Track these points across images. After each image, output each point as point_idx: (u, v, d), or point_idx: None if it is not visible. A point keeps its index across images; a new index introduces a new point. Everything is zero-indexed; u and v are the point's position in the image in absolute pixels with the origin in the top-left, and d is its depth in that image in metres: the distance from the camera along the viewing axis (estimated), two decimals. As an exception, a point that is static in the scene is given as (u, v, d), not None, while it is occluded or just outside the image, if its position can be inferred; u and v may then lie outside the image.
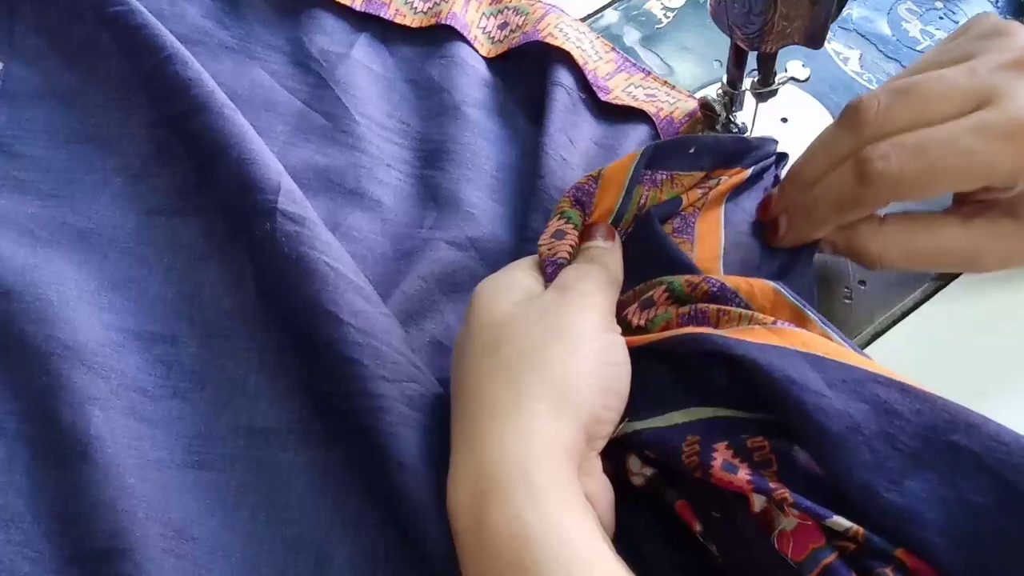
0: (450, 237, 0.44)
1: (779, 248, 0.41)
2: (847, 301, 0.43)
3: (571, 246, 0.39)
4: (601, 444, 0.33)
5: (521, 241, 0.44)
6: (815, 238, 0.40)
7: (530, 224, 0.44)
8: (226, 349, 0.41)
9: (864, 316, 0.43)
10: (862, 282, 0.44)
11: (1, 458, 0.37)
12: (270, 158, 0.43)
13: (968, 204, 0.39)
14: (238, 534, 0.36)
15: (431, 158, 0.48)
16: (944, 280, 0.44)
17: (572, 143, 0.47)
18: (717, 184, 0.42)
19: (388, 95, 0.51)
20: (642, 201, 0.41)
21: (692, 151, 0.41)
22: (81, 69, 0.49)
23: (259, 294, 0.42)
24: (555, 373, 0.31)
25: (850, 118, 0.37)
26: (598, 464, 0.32)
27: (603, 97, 0.49)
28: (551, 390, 0.31)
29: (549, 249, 0.38)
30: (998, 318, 0.43)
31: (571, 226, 0.39)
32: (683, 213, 0.42)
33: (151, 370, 0.40)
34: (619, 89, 0.50)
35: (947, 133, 0.35)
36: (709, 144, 0.42)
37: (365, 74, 0.51)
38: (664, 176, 0.41)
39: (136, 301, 0.42)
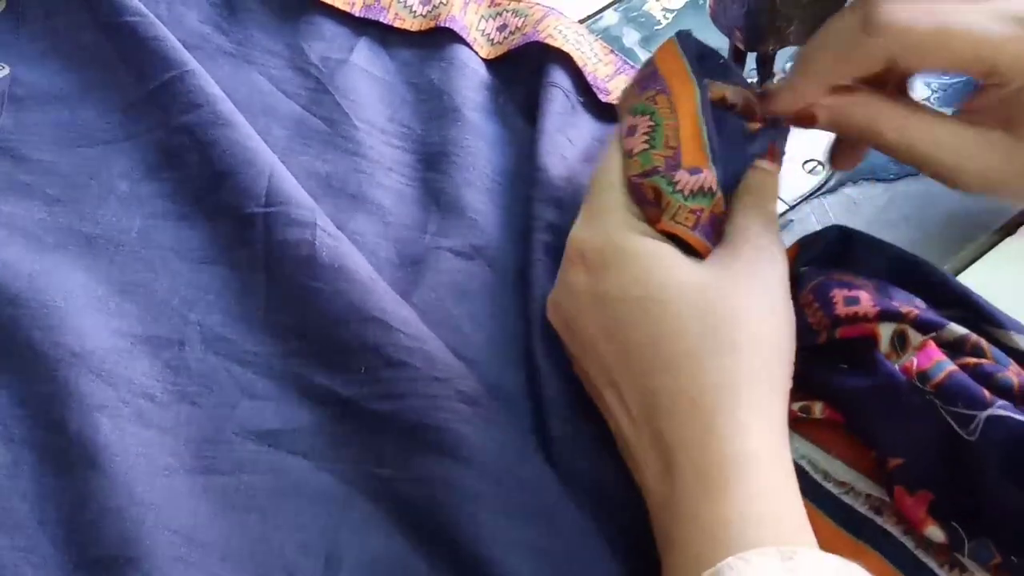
0: (455, 246, 0.45)
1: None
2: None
3: (646, 135, 0.37)
4: None
5: (527, 238, 0.44)
6: (811, 97, 0.37)
7: (540, 215, 0.44)
8: (233, 353, 0.41)
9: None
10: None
11: (7, 463, 0.37)
12: (297, 183, 0.44)
13: (966, 112, 0.38)
14: (247, 538, 0.36)
15: (432, 161, 0.48)
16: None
17: (571, 143, 0.48)
18: None
19: (388, 99, 0.51)
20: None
21: (720, 62, 0.40)
22: (88, 74, 0.49)
23: (269, 300, 0.42)
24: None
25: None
26: None
27: (604, 98, 0.49)
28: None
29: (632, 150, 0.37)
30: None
31: (645, 117, 0.37)
32: None
33: (159, 375, 0.40)
34: (619, 91, 0.50)
35: (961, 6, 0.34)
36: (735, 69, 0.41)
37: (365, 78, 0.51)
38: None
39: (143, 306, 0.42)
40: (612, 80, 0.51)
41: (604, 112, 0.50)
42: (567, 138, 0.47)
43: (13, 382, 0.39)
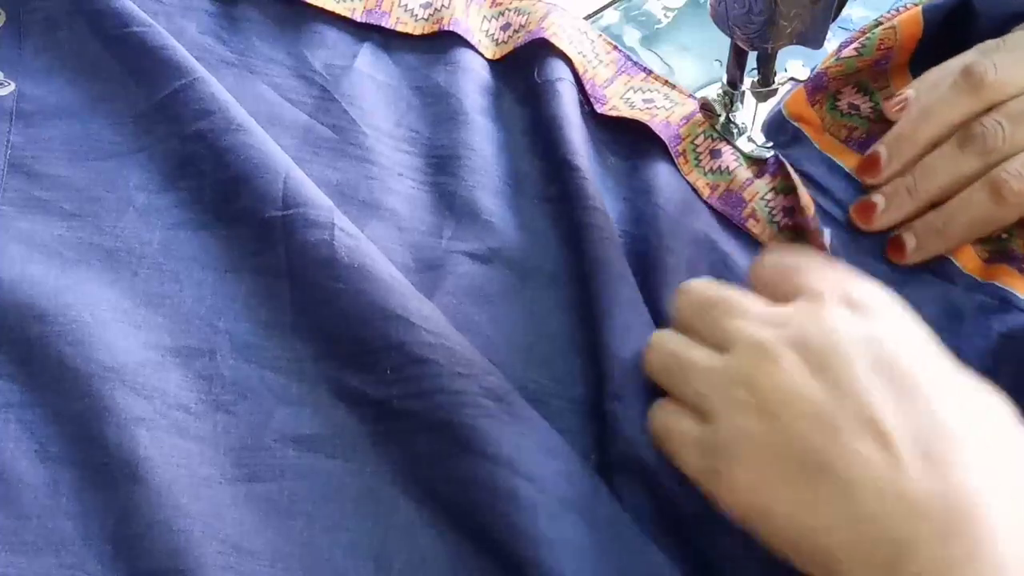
0: (472, 249, 0.45)
1: None
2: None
3: None
4: None
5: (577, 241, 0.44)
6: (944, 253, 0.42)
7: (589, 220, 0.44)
8: (265, 360, 0.41)
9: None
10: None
11: (45, 483, 0.37)
12: (313, 184, 0.44)
13: None
14: (295, 544, 0.36)
15: (443, 165, 0.48)
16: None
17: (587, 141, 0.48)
18: None
19: (395, 103, 0.51)
20: None
21: None
22: (97, 86, 0.49)
23: (295, 304, 0.42)
24: None
25: (966, 81, 0.39)
26: None
27: (599, 109, 0.50)
28: None
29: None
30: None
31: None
32: None
33: (192, 386, 0.40)
34: (617, 96, 0.50)
35: None
36: None
37: (370, 84, 0.51)
38: None
39: (170, 317, 0.42)
40: (611, 84, 0.51)
41: (598, 119, 0.50)
42: (584, 136, 0.48)
43: (45, 399, 0.38)
